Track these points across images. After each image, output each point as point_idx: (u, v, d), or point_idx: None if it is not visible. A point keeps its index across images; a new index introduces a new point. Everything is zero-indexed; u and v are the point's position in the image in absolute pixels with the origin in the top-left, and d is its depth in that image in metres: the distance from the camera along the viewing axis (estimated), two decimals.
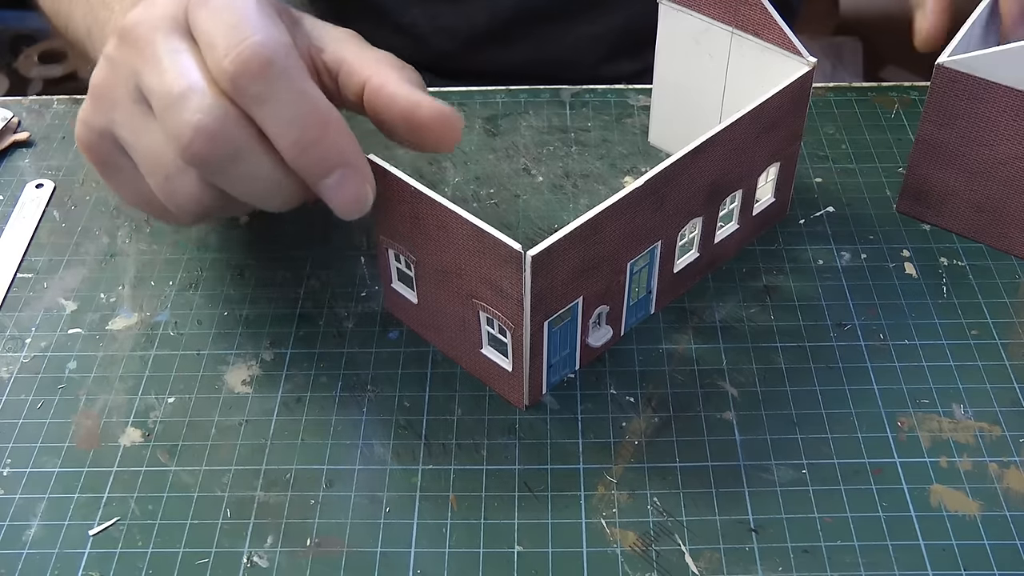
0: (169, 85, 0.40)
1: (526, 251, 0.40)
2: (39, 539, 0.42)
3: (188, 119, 0.39)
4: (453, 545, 0.41)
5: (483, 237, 0.41)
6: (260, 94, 0.39)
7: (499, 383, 0.46)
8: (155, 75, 0.40)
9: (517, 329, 0.43)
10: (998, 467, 0.43)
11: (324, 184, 0.40)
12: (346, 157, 0.40)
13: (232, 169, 0.40)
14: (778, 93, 0.48)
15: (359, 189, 0.41)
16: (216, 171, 0.40)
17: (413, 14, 0.76)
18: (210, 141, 0.39)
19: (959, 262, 0.52)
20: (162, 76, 0.40)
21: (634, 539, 0.41)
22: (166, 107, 0.40)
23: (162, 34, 0.41)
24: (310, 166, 0.40)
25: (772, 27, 0.50)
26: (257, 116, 0.39)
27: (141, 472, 0.44)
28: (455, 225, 0.41)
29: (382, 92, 0.43)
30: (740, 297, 0.51)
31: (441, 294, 0.45)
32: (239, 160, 0.40)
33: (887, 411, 0.46)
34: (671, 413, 0.46)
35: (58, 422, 0.46)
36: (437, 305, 0.46)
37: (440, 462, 0.44)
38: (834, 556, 0.40)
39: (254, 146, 0.40)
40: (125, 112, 0.42)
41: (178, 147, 0.40)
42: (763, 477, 0.43)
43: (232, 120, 0.39)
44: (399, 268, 0.47)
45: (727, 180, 0.49)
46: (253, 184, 0.41)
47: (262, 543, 0.41)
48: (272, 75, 0.39)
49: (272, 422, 0.46)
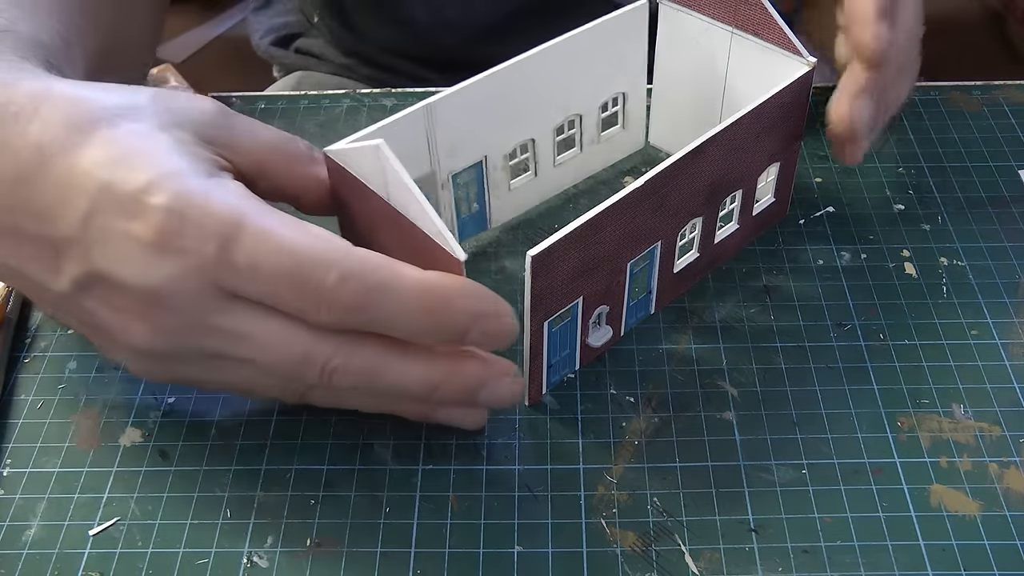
0: (278, 356, 0.39)
1: (526, 251, 0.40)
2: (39, 539, 0.42)
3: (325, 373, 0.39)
4: (453, 545, 0.41)
5: (427, 240, 0.40)
6: (371, 319, 0.38)
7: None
8: (249, 349, 0.39)
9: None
10: (998, 467, 0.43)
11: (469, 343, 0.39)
12: (476, 314, 0.39)
13: (380, 382, 0.40)
14: (778, 93, 0.48)
15: (503, 328, 0.39)
16: (366, 390, 0.40)
17: (413, 6, 0.75)
18: (350, 378, 0.39)
19: (959, 262, 0.52)
20: (265, 349, 0.38)
21: (634, 539, 0.41)
22: (291, 374, 0.39)
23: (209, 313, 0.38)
24: (450, 337, 0.39)
25: (772, 27, 0.50)
26: (378, 331, 0.39)
27: (141, 472, 0.44)
28: (405, 227, 0.41)
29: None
30: (740, 297, 0.51)
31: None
32: (382, 373, 0.39)
33: (887, 411, 0.46)
34: (671, 413, 0.46)
35: (58, 422, 0.46)
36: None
37: (440, 462, 0.44)
38: (834, 556, 0.40)
39: (390, 357, 0.39)
40: (197, 366, 0.40)
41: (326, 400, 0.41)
42: (763, 477, 0.43)
43: (356, 348, 0.39)
44: None
45: (727, 180, 0.49)
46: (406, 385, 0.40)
47: (262, 543, 0.41)
48: (369, 300, 0.37)
49: (272, 422, 0.46)
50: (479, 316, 0.38)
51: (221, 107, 0.43)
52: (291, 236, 0.37)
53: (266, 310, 0.38)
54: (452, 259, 0.39)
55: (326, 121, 0.62)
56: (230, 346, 0.39)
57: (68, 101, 0.40)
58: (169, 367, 0.41)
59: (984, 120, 0.61)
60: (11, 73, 0.42)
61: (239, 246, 0.37)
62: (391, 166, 0.40)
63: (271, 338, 0.38)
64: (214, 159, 0.41)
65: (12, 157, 0.39)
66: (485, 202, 0.53)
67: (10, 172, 0.39)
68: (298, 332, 0.38)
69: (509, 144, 0.52)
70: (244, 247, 0.37)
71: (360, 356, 0.39)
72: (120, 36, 0.55)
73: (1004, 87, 0.64)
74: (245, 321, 0.38)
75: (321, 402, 0.42)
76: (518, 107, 0.51)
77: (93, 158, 0.38)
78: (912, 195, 0.56)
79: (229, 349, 0.39)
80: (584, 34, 0.52)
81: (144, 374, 0.42)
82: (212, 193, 0.38)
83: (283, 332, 0.38)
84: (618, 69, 0.55)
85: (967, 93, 0.63)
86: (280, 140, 0.44)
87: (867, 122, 0.50)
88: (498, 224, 0.55)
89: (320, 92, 0.65)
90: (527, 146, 0.53)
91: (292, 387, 0.40)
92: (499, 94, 0.50)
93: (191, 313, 0.38)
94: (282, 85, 0.86)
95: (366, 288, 0.37)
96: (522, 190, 0.55)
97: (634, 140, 0.59)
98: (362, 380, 0.39)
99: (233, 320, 0.38)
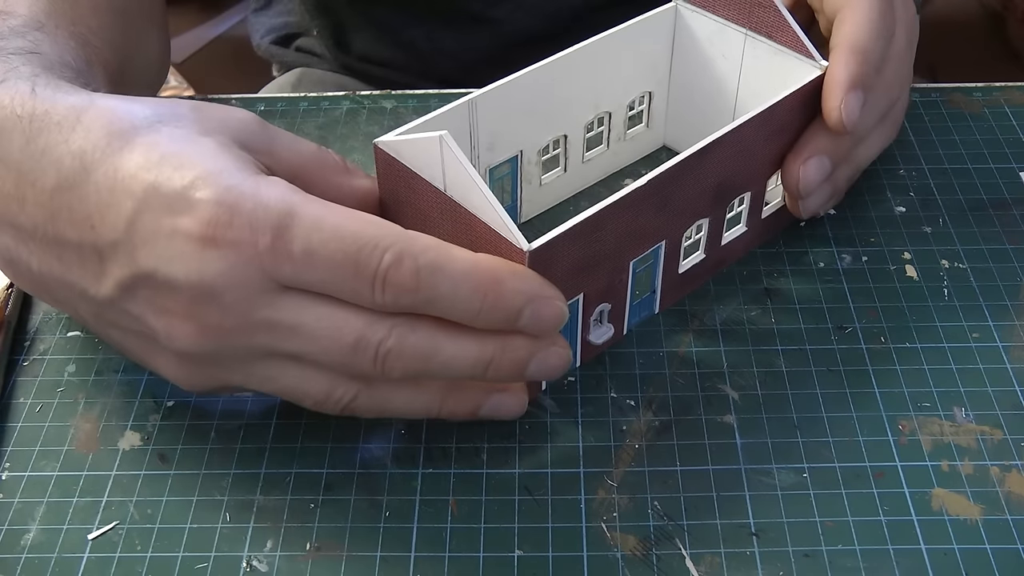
0: (332, 344, 0.38)
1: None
2: (38, 543, 0.41)
3: (378, 356, 0.38)
4: (453, 549, 0.41)
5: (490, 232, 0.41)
6: (426, 299, 0.38)
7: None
8: (300, 343, 0.39)
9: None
10: (1000, 471, 0.43)
11: (521, 326, 0.39)
12: (528, 293, 0.39)
13: (433, 362, 0.39)
14: (789, 96, 0.48)
15: (554, 311, 0.40)
16: (419, 374, 0.40)
17: (413, 34, 0.76)
18: (403, 361, 0.39)
19: (960, 264, 0.52)
20: (316, 340, 0.38)
21: (634, 543, 0.41)
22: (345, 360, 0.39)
23: (261, 309, 0.38)
24: (500, 322, 0.39)
25: (785, 30, 0.50)
26: (431, 312, 0.39)
27: (140, 476, 0.44)
28: (463, 218, 0.42)
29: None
30: (741, 299, 0.51)
31: None
32: (436, 353, 0.39)
33: (888, 414, 0.45)
34: (671, 416, 0.46)
35: (57, 425, 0.46)
36: None
37: (440, 466, 0.44)
38: (835, 560, 0.40)
39: (443, 337, 0.39)
40: (243, 368, 0.40)
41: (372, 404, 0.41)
42: (764, 481, 0.43)
43: (411, 330, 0.39)
44: None
45: (735, 182, 0.48)
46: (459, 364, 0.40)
47: (261, 547, 0.41)
48: (423, 280, 0.37)
49: (271, 425, 0.45)
50: (532, 297, 0.39)
51: (259, 118, 0.43)
52: (344, 221, 0.38)
53: (317, 298, 0.38)
54: (516, 250, 0.40)
55: (325, 123, 0.62)
56: (280, 340, 0.39)
57: (109, 111, 0.40)
58: (213, 371, 0.40)
59: (985, 122, 0.61)
60: (49, 88, 0.42)
61: (294, 234, 0.37)
62: (454, 157, 0.40)
63: (323, 324, 0.38)
64: (256, 162, 0.41)
65: (54, 165, 0.40)
66: (518, 196, 0.54)
67: (51, 180, 0.40)
68: (351, 316, 0.38)
69: (543, 139, 0.53)
70: (299, 234, 0.37)
71: (414, 336, 0.39)
72: (131, 57, 0.55)
73: (1005, 89, 0.64)
74: (297, 312, 0.38)
75: (367, 408, 0.41)
76: (554, 103, 0.52)
77: (136, 162, 0.39)
78: (913, 197, 0.56)
79: (279, 344, 0.39)
80: (616, 34, 0.52)
81: (185, 381, 0.41)
82: (261, 186, 0.38)
83: (336, 317, 0.38)
84: (646, 68, 0.56)
85: (968, 95, 0.63)
86: (316, 151, 0.45)
87: (815, 182, 0.50)
88: (528, 217, 0.55)
89: (320, 94, 0.65)
90: (559, 142, 0.54)
91: (341, 388, 0.40)
92: (537, 90, 0.50)
93: (241, 309, 0.38)
94: (281, 82, 0.86)
95: (420, 268, 0.37)
96: (552, 185, 0.55)
97: (656, 139, 0.59)
98: (416, 363, 0.39)
99: (284, 312, 0.38)
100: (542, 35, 0.74)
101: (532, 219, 0.55)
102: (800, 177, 0.50)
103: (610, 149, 0.57)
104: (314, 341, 0.39)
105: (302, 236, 0.37)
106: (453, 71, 0.75)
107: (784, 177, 0.51)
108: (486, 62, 0.74)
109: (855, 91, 0.48)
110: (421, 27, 0.75)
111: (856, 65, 0.48)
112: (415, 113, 0.62)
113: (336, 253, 0.37)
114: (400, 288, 0.37)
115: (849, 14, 0.50)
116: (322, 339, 0.38)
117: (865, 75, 0.48)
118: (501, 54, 0.74)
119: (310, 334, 0.38)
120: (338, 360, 0.39)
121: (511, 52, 0.73)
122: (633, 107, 0.57)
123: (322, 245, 0.37)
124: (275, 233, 0.37)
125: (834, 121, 0.48)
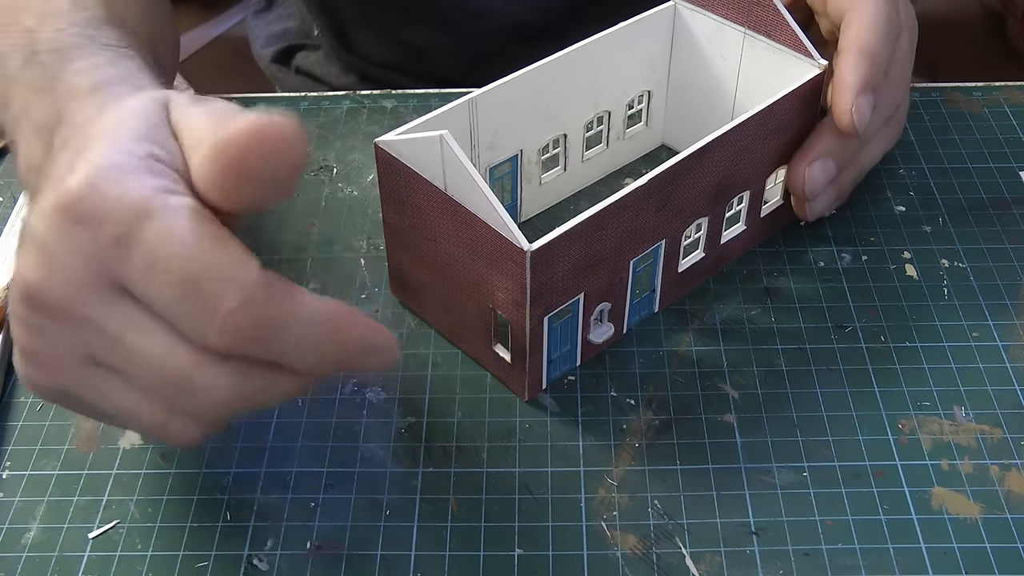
0: (156, 371, 0.34)
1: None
2: (38, 542, 0.41)
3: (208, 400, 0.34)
4: (453, 548, 0.41)
5: (490, 231, 0.41)
6: (267, 349, 0.34)
7: (500, 372, 0.46)
8: (123, 357, 0.35)
9: (517, 323, 0.43)
10: (999, 470, 0.43)
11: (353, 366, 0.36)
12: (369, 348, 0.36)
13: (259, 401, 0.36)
14: (787, 95, 0.48)
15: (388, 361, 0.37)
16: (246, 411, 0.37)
17: (411, 30, 0.76)
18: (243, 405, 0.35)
19: (960, 264, 0.52)
20: (139, 359, 0.34)
21: (635, 542, 0.41)
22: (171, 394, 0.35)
23: (95, 303, 0.34)
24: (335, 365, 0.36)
25: (784, 29, 0.50)
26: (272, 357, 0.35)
27: (140, 475, 0.44)
28: (463, 218, 0.42)
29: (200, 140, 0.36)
30: (741, 299, 0.51)
31: (447, 283, 0.45)
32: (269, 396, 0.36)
33: (888, 413, 0.46)
34: (671, 415, 0.46)
35: (57, 424, 0.46)
36: (443, 293, 0.46)
37: (440, 465, 0.44)
38: (835, 559, 0.40)
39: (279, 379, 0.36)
40: (75, 377, 0.36)
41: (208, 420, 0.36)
42: (764, 480, 0.43)
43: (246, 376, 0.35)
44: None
45: (733, 181, 0.48)
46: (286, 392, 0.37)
47: (262, 546, 0.41)
48: (268, 328, 0.33)
49: (272, 424, 0.46)
50: (371, 350, 0.36)
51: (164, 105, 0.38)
52: (199, 243, 0.33)
53: (152, 316, 0.34)
54: (517, 249, 0.40)
55: (326, 122, 0.62)
56: (105, 348, 0.35)
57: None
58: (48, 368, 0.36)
59: (985, 121, 0.61)
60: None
61: (141, 238, 0.33)
62: (455, 156, 0.40)
63: (149, 349, 0.34)
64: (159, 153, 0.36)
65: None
66: (517, 195, 0.54)
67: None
68: (180, 348, 0.34)
69: (543, 138, 0.53)
70: (146, 240, 0.33)
71: (248, 384, 0.35)
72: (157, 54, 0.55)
73: (1005, 88, 0.64)
74: (123, 323, 0.34)
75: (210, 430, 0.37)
76: (554, 102, 0.52)
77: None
78: (913, 196, 0.56)
79: (103, 352, 0.35)
80: (615, 34, 0.53)
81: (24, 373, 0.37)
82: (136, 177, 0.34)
83: (163, 344, 0.34)
84: (645, 67, 0.56)
85: (968, 94, 0.63)
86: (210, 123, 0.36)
87: (821, 185, 0.50)
88: (528, 216, 0.55)
89: (320, 93, 0.65)
90: (559, 141, 0.54)
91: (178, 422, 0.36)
92: (537, 90, 0.51)
93: (71, 295, 0.34)
94: None
95: (265, 317, 0.33)
96: (551, 184, 0.55)
97: (655, 138, 0.59)
98: (241, 404, 0.36)
99: (112, 320, 0.34)
100: (541, 28, 0.74)
101: (532, 218, 0.55)
102: (806, 180, 0.50)
103: (609, 148, 0.57)
104: (135, 362, 0.34)
105: (149, 243, 0.33)
106: (453, 71, 0.76)
107: (789, 180, 0.51)
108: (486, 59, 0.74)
109: (865, 94, 0.48)
110: (420, 25, 0.75)
111: (865, 68, 0.48)
112: (415, 113, 0.62)
113: (177, 274, 0.33)
114: (240, 337, 0.33)
115: (856, 17, 0.50)
116: (144, 363, 0.34)
117: (874, 78, 0.48)
118: (500, 50, 0.74)
119: (133, 353, 0.34)
120: (161, 393, 0.35)
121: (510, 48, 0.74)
122: (632, 106, 0.57)
123: (165, 261, 0.33)
124: (123, 230, 0.33)
125: (845, 124, 0.48)
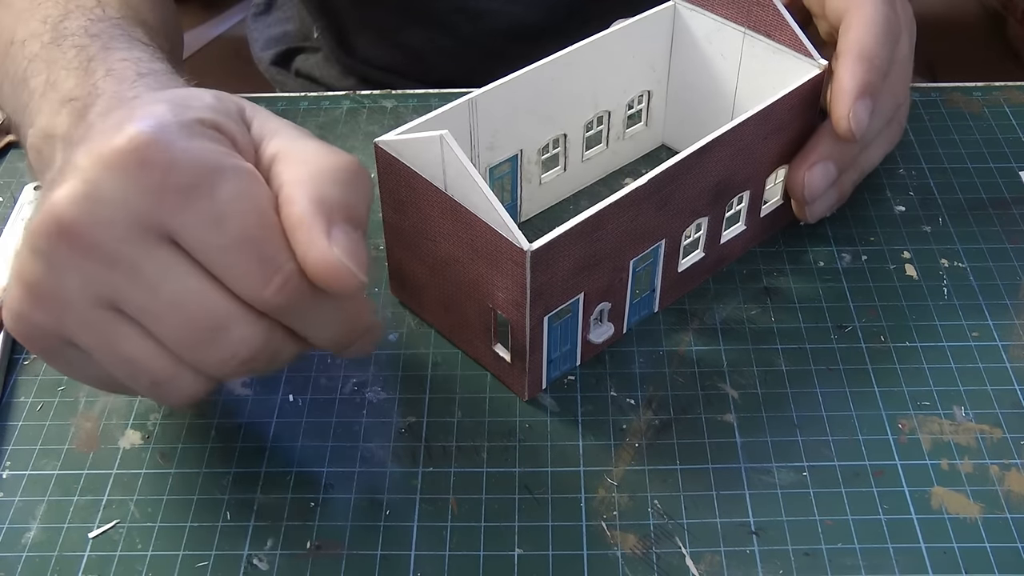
0: (190, 318, 0.35)
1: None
2: (38, 542, 0.41)
3: (231, 353, 0.35)
4: (453, 548, 0.41)
5: (490, 231, 0.41)
6: (303, 315, 0.37)
7: (500, 372, 0.46)
8: (154, 300, 0.34)
9: (517, 323, 0.43)
10: (999, 469, 0.43)
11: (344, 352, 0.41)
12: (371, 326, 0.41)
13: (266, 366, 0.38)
14: (787, 95, 0.48)
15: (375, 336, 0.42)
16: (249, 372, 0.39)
17: (410, 32, 0.76)
18: (252, 365, 0.37)
19: (960, 264, 0.52)
20: (171, 305, 0.34)
21: (635, 542, 0.41)
22: (194, 344, 0.35)
23: (134, 245, 0.34)
24: (337, 348, 0.41)
25: (784, 28, 0.50)
26: (295, 326, 0.37)
27: (141, 474, 0.44)
28: (463, 218, 0.42)
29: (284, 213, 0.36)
30: (741, 298, 0.51)
31: (447, 283, 0.45)
32: (276, 359, 0.38)
33: (888, 413, 0.46)
34: (671, 415, 0.46)
35: (57, 424, 0.46)
36: (443, 293, 0.46)
37: (440, 464, 0.44)
38: (835, 559, 0.40)
39: (290, 344, 0.38)
40: (82, 320, 0.35)
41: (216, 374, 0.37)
42: (764, 479, 0.43)
43: (271, 336, 0.37)
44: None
45: (733, 181, 0.49)
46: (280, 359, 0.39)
47: (262, 546, 0.41)
48: (314, 299, 0.36)
49: (272, 424, 0.46)
50: (372, 327, 0.41)
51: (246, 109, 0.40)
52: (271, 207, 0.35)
53: (195, 267, 0.35)
54: (517, 249, 0.40)
55: (326, 122, 0.62)
56: (135, 293, 0.34)
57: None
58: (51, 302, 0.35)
59: (985, 121, 0.61)
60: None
61: (213, 191, 0.34)
62: (455, 156, 0.40)
63: (187, 296, 0.34)
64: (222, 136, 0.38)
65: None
66: (517, 195, 0.54)
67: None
68: (221, 300, 0.35)
69: (543, 138, 0.53)
70: (219, 195, 0.34)
71: (273, 338, 0.37)
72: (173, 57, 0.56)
73: (1005, 88, 0.64)
74: (165, 269, 0.34)
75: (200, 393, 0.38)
76: (553, 102, 0.52)
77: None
78: (913, 196, 0.56)
79: (133, 296, 0.34)
80: (615, 34, 0.53)
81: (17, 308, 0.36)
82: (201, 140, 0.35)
83: (203, 295, 0.35)
84: (645, 67, 0.56)
85: (968, 94, 0.63)
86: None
87: (821, 188, 0.50)
88: (528, 216, 0.55)
89: (320, 93, 0.65)
90: (559, 140, 0.54)
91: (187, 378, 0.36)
92: (537, 90, 0.51)
93: (113, 233, 0.34)
94: None
95: (315, 290, 0.36)
96: (551, 184, 0.55)
97: (655, 137, 0.59)
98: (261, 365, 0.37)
99: (153, 263, 0.34)
100: (541, 29, 0.74)
101: (532, 218, 0.55)
102: (806, 183, 0.50)
103: (609, 148, 0.57)
104: (169, 310, 0.35)
105: (221, 198, 0.34)
106: (453, 73, 0.76)
107: (790, 183, 0.51)
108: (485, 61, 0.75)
109: (864, 99, 0.48)
110: (420, 27, 0.75)
111: (864, 72, 0.48)
112: (415, 113, 0.62)
113: (247, 231, 0.34)
114: (290, 298, 0.35)
115: (855, 20, 0.49)
116: (176, 310, 0.35)
117: (873, 82, 0.48)
118: (500, 52, 0.74)
119: (169, 300, 0.34)
120: (184, 343, 0.35)
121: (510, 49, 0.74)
122: (632, 106, 0.57)
123: (236, 217, 0.34)
124: (191, 181, 0.34)
125: (843, 130, 0.48)
